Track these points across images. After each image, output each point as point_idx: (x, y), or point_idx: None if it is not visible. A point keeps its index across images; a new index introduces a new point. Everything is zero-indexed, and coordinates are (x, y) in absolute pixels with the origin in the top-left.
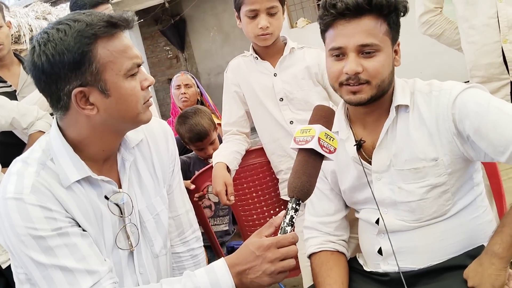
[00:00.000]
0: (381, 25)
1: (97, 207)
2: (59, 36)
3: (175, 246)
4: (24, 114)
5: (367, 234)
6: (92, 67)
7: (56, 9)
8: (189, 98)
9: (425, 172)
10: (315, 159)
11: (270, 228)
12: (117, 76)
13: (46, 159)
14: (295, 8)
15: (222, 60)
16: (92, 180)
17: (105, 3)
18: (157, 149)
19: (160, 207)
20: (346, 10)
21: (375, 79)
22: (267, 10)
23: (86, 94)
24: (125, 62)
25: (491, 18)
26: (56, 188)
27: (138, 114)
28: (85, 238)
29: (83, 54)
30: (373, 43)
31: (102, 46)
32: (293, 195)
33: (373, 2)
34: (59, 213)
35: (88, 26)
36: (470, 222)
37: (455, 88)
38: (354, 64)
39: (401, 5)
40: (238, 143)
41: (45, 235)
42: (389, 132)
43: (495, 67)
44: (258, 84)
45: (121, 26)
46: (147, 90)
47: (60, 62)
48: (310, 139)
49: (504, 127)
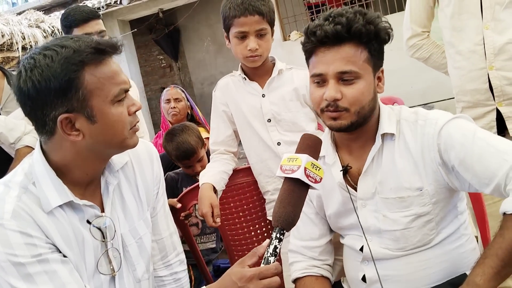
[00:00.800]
0: (362, 52)
1: (79, 231)
2: (46, 63)
3: (158, 269)
4: (12, 129)
5: (352, 261)
6: (79, 93)
7: (49, 17)
8: (179, 112)
9: (409, 202)
10: (300, 189)
11: (253, 258)
12: (104, 103)
13: (28, 183)
14: (288, 21)
15: (216, 70)
16: (74, 205)
17: (96, 18)
18: (141, 172)
19: (143, 231)
20: (325, 38)
21: (353, 106)
22: (256, 32)
23: (72, 120)
24: (113, 88)
25: (477, 45)
26: (37, 213)
27: (124, 139)
28: (66, 265)
29: (70, 81)
30: (352, 70)
31: (89, 73)
32: (278, 225)
33: (351, 30)
34: (39, 239)
35: (76, 52)
36: (453, 250)
37: (440, 118)
38: (333, 91)
39: (383, 33)
40: (225, 163)
41: (24, 261)
42: (375, 160)
43: (481, 93)
44: (246, 104)
45: (109, 53)
46: (134, 115)
47: (46, 88)
48: (296, 169)
49: (489, 160)
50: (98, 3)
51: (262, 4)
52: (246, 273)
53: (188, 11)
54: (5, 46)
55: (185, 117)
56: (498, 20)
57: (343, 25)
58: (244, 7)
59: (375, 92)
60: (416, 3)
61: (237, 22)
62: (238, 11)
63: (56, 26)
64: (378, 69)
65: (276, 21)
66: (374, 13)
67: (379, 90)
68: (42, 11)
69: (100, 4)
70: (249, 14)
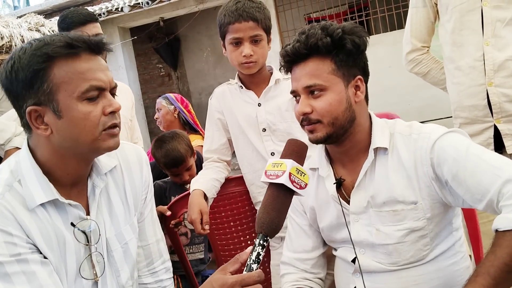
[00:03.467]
0: (326, 65)
1: (60, 233)
2: (18, 55)
3: (143, 276)
4: (2, 130)
5: (343, 272)
6: (44, 86)
7: (50, 21)
8: (161, 120)
9: (403, 215)
10: (285, 194)
11: (236, 264)
12: (70, 98)
13: (13, 181)
14: (288, 34)
15: (214, 80)
16: (58, 204)
17: (93, 21)
18: (130, 176)
19: (129, 236)
20: (287, 56)
21: (325, 118)
22: (250, 38)
23: (42, 113)
24: (81, 84)
25: (477, 61)
26: (20, 212)
27: (93, 140)
28: (45, 266)
29: (35, 72)
30: (316, 83)
31: (58, 67)
32: (261, 231)
33: (308, 45)
34: (19, 238)
35: (46, 45)
36: (447, 268)
37: (434, 132)
38: (303, 106)
39: (348, 42)
40: (218, 171)
41: (3, 260)
42: (368, 174)
43: (479, 110)
44: (241, 113)
45: (80, 48)
46: (111, 116)
47: (16, 79)
48: (281, 174)
49: (482, 175)
50: (99, 9)
51: (256, 10)
52: (228, 280)
53: (189, 20)
54: (3, 49)
55: (176, 121)
56: (499, 36)
57: (301, 42)
58: (238, 13)
59: (350, 102)
60: (417, 18)
61: (232, 29)
62: (233, 17)
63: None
64: (352, 78)
65: (276, 34)
66: (338, 25)
67: (357, 99)
68: (43, 15)
69: (101, 11)
70: (243, 20)
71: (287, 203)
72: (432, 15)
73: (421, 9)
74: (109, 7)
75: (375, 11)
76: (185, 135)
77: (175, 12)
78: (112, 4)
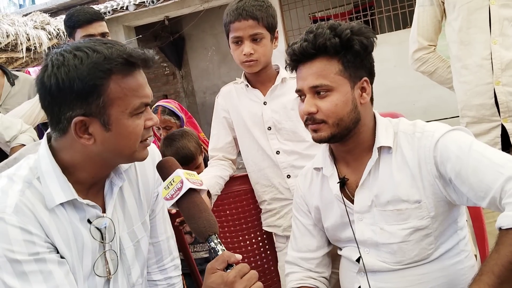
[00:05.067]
0: (333, 65)
1: (78, 232)
2: (74, 63)
3: (153, 273)
4: (8, 127)
5: (348, 271)
6: (100, 100)
7: (55, 19)
8: None
9: (407, 214)
10: (196, 196)
11: (223, 264)
12: (123, 114)
13: (33, 178)
14: (293, 33)
15: (219, 79)
16: (76, 204)
17: (100, 20)
18: (143, 173)
19: (141, 234)
20: (294, 56)
21: (330, 118)
22: (250, 36)
23: (87, 124)
24: (134, 101)
25: (485, 60)
26: (39, 210)
27: (134, 152)
28: (62, 266)
29: (94, 87)
30: (323, 84)
31: (114, 82)
32: (208, 234)
33: (316, 45)
34: (38, 237)
35: (106, 60)
36: (451, 266)
37: (437, 131)
38: (308, 105)
39: (356, 43)
40: (223, 169)
41: (21, 258)
42: (372, 173)
43: (487, 109)
44: (247, 111)
45: (139, 66)
46: (149, 130)
47: (69, 88)
48: (181, 185)
49: (485, 172)
50: (104, 8)
51: (257, 9)
52: (228, 276)
53: (194, 19)
54: (9, 47)
55: None
56: (506, 35)
57: (309, 41)
58: (238, 12)
59: (355, 103)
60: (423, 17)
61: (233, 27)
62: (233, 16)
63: (62, 28)
64: (358, 80)
65: (280, 33)
66: (347, 25)
67: (362, 101)
68: (49, 13)
69: (107, 9)
70: (243, 19)
71: (203, 201)
72: (439, 14)
73: (428, 8)
74: (114, 6)
75: (380, 10)
76: (194, 133)
77: (180, 11)
78: (117, 3)
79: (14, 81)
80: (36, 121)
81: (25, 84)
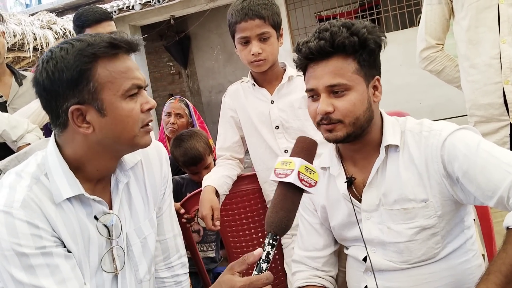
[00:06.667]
0: (350, 64)
1: (85, 227)
2: (61, 54)
3: (160, 270)
4: (15, 127)
5: (354, 270)
6: (90, 85)
7: (61, 19)
8: (177, 129)
9: (414, 213)
10: (294, 193)
11: (243, 265)
12: (115, 96)
13: (40, 174)
14: (299, 32)
15: (224, 78)
16: (83, 199)
17: (108, 20)
18: (150, 171)
19: (148, 231)
20: (310, 54)
21: (347, 118)
22: (258, 36)
23: (83, 112)
24: (124, 82)
25: (494, 59)
26: (46, 205)
27: (134, 136)
28: (68, 260)
29: (81, 72)
30: (341, 83)
31: (102, 66)
32: (270, 230)
33: (335, 43)
34: (45, 231)
35: (90, 45)
36: (458, 266)
37: (445, 129)
38: (325, 105)
39: (371, 42)
40: (230, 168)
41: (28, 252)
42: (379, 172)
43: (495, 108)
44: (254, 110)
45: (123, 48)
46: (148, 113)
47: (59, 79)
48: (290, 173)
49: (492, 171)
50: (110, 7)
51: (263, 8)
52: (237, 283)
53: (199, 19)
54: (16, 46)
55: None
56: None
57: (326, 39)
58: (244, 12)
59: (370, 102)
60: (431, 15)
61: (239, 28)
62: (239, 16)
63: (68, 28)
64: (372, 78)
65: (286, 32)
66: (361, 24)
67: (375, 99)
68: (55, 13)
69: (113, 9)
70: (249, 19)
71: (296, 202)
72: (447, 12)
73: (436, 6)
74: (120, 5)
75: (386, 9)
76: (203, 133)
77: (186, 10)
78: (123, 2)
79: (22, 81)
80: (44, 121)
81: None
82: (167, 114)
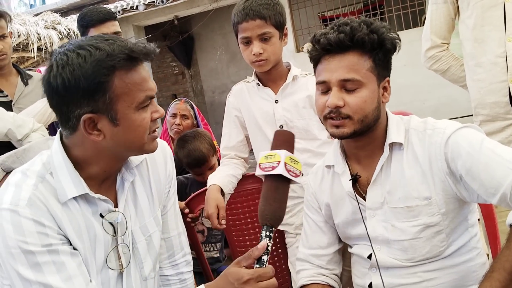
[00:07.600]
0: (365, 61)
1: (91, 225)
2: (78, 62)
3: (164, 268)
4: (20, 126)
5: (359, 267)
6: (106, 96)
7: (65, 19)
8: (182, 130)
9: (418, 211)
10: (283, 184)
11: (249, 260)
12: (129, 108)
13: (46, 173)
14: (302, 33)
15: (228, 79)
16: (89, 198)
17: (112, 20)
18: (155, 170)
19: (153, 229)
20: (328, 46)
21: (356, 114)
22: (259, 36)
23: (95, 120)
24: (139, 95)
25: (499, 57)
26: (52, 203)
27: (143, 144)
28: (74, 258)
29: (99, 84)
30: (355, 78)
31: (118, 78)
32: (265, 223)
33: (354, 38)
34: (51, 229)
35: (109, 56)
36: (463, 263)
37: (448, 127)
38: (336, 98)
39: (388, 42)
40: (235, 167)
41: (34, 250)
42: (383, 170)
43: (501, 106)
44: (259, 110)
45: (141, 60)
46: (155, 121)
47: (75, 87)
48: (276, 165)
49: (495, 169)
50: (114, 7)
51: (264, 8)
52: (244, 275)
53: (203, 19)
54: (20, 46)
55: None
56: None
57: (346, 33)
58: (245, 12)
59: (379, 102)
60: (437, 14)
61: (241, 28)
62: (240, 17)
63: (72, 28)
64: (383, 79)
65: (290, 32)
66: (380, 23)
67: (384, 100)
68: (59, 13)
69: (116, 9)
70: (250, 19)
71: (285, 192)
72: (453, 12)
73: (441, 5)
74: (124, 6)
75: (390, 9)
76: (207, 134)
77: (189, 10)
78: (127, 3)
79: (28, 81)
80: (49, 120)
81: (38, 84)
82: (173, 115)
